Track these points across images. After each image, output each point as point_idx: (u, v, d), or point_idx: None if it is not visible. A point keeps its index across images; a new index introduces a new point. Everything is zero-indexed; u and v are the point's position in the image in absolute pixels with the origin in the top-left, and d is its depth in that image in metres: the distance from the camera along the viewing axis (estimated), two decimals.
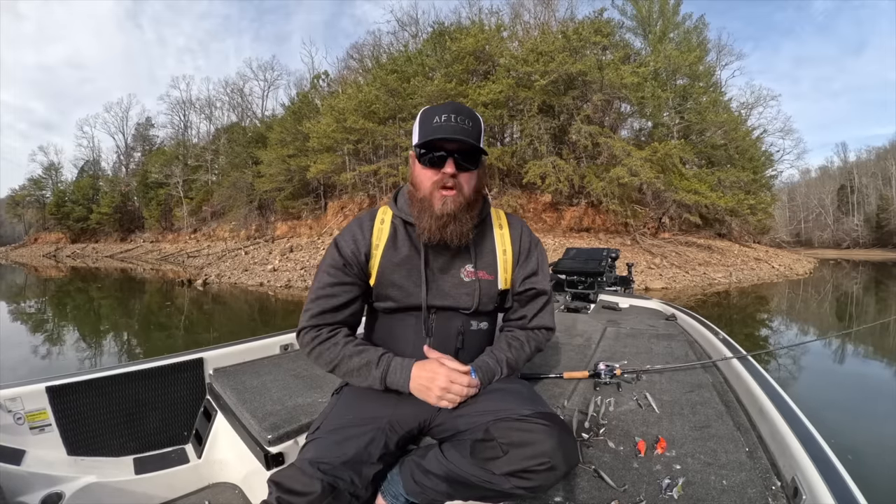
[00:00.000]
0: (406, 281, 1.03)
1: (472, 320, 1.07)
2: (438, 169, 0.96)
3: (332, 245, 1.06)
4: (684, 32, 21.96)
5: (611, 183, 15.30)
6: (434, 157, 0.96)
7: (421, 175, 0.99)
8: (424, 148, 0.96)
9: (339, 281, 1.03)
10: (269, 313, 9.61)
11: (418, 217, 0.99)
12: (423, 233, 0.98)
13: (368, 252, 1.03)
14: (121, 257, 32.93)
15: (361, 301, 1.07)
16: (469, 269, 1.05)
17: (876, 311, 9.47)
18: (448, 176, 0.95)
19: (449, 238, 0.98)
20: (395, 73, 20.58)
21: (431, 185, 0.97)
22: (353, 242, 1.03)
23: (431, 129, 0.95)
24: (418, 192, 1.00)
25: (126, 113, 48.17)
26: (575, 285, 3.16)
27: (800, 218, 50.41)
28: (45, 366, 5.11)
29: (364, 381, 0.97)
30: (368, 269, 1.04)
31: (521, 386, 1.04)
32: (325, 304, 1.02)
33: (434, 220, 0.96)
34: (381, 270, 1.03)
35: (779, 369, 4.76)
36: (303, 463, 0.81)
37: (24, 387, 1.33)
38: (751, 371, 1.34)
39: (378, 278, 1.04)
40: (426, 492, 0.88)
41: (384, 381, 0.96)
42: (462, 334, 1.06)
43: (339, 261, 1.03)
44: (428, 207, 0.97)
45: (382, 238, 1.04)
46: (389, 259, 1.03)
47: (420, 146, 0.97)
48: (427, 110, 0.99)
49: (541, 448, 0.79)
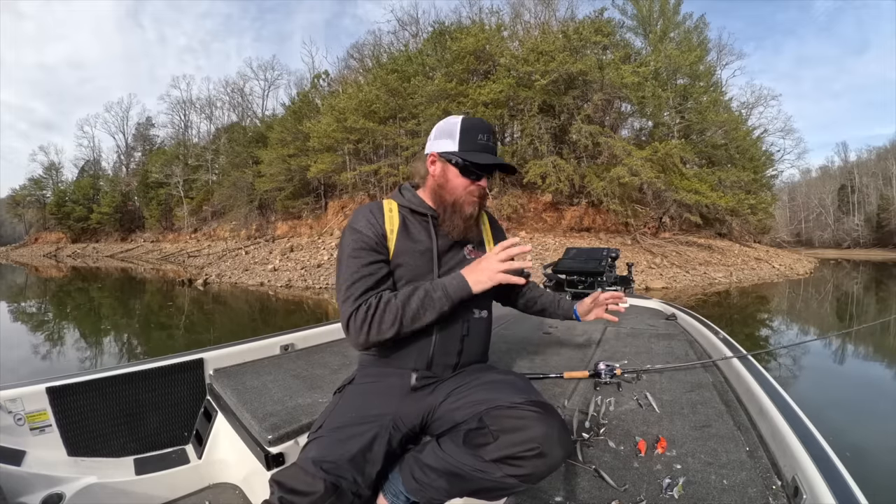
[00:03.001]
0: (419, 261, 1.07)
1: (474, 308, 1.13)
2: (474, 181, 1.08)
3: (350, 231, 1.05)
4: (685, 32, 21.91)
5: (611, 183, 15.29)
6: (478, 174, 1.08)
7: (456, 181, 1.08)
8: (468, 161, 1.06)
9: (370, 260, 1.03)
10: (270, 313, 9.61)
11: (448, 217, 1.09)
12: (450, 231, 1.09)
13: (384, 234, 1.06)
14: (121, 257, 32.95)
15: (392, 280, 1.07)
16: (469, 248, 1.16)
17: (876, 311, 9.46)
18: (483, 189, 1.10)
19: (470, 236, 1.14)
20: (395, 72, 20.57)
21: (464, 192, 1.08)
22: (371, 225, 1.05)
23: (476, 145, 1.06)
24: (447, 196, 1.09)
25: (126, 113, 48.34)
26: (575, 285, 3.16)
27: (800, 218, 50.40)
28: (46, 366, 5.11)
29: (432, 311, 0.99)
30: (388, 249, 1.06)
31: (516, 378, 1.06)
32: (365, 284, 1.00)
33: (463, 220, 1.08)
34: (397, 253, 1.06)
35: (779, 369, 4.76)
36: (305, 462, 0.81)
37: (25, 387, 1.33)
38: (751, 370, 1.34)
39: (394, 260, 1.06)
40: (425, 489, 0.88)
41: (449, 297, 1.00)
42: (467, 321, 1.10)
43: (367, 240, 1.03)
44: (459, 210, 1.08)
45: (394, 224, 1.08)
46: (403, 242, 1.07)
47: (464, 159, 1.06)
48: (469, 122, 1.08)
49: (530, 433, 0.80)
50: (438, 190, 1.10)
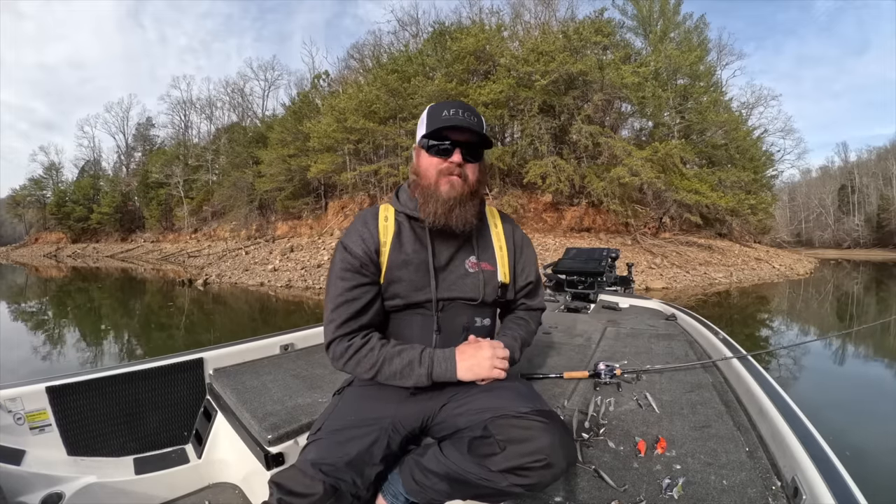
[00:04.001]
0: (414, 276, 1.03)
1: (476, 316, 1.08)
2: (445, 158, 1.00)
3: (340, 249, 1.03)
4: (685, 32, 21.93)
5: (611, 183, 15.29)
6: (442, 146, 1.00)
7: (427, 164, 1.02)
8: (433, 138, 1.00)
9: (356, 283, 1.00)
10: (270, 313, 9.61)
11: (424, 204, 1.01)
12: (429, 217, 1.00)
13: (378, 249, 1.02)
14: (121, 257, 32.95)
15: (381, 300, 1.06)
16: (472, 261, 1.08)
17: (876, 311, 9.46)
18: (455, 165, 0.99)
19: (454, 223, 1.00)
20: (395, 72, 20.57)
21: (437, 173, 1.00)
22: (362, 241, 1.01)
23: (440, 121, 0.98)
24: (423, 181, 1.02)
25: (127, 113, 48.40)
26: (575, 285, 3.16)
27: (800, 218, 50.38)
28: (46, 366, 5.11)
29: (408, 380, 0.96)
30: (380, 265, 1.03)
31: (520, 384, 1.04)
32: (349, 309, 0.99)
33: (440, 204, 0.99)
34: (390, 267, 1.02)
35: (779, 369, 4.75)
36: (304, 464, 0.81)
37: (24, 387, 1.33)
38: (751, 371, 1.34)
39: (386, 275, 1.02)
40: (426, 491, 0.88)
41: (431, 377, 0.96)
42: (467, 329, 1.07)
43: (353, 262, 1.00)
44: (433, 193, 1.00)
45: (388, 235, 1.04)
46: (397, 255, 1.03)
47: (428, 136, 1.00)
48: (435, 106, 1.02)
49: (538, 445, 0.79)
50: (417, 180, 1.04)
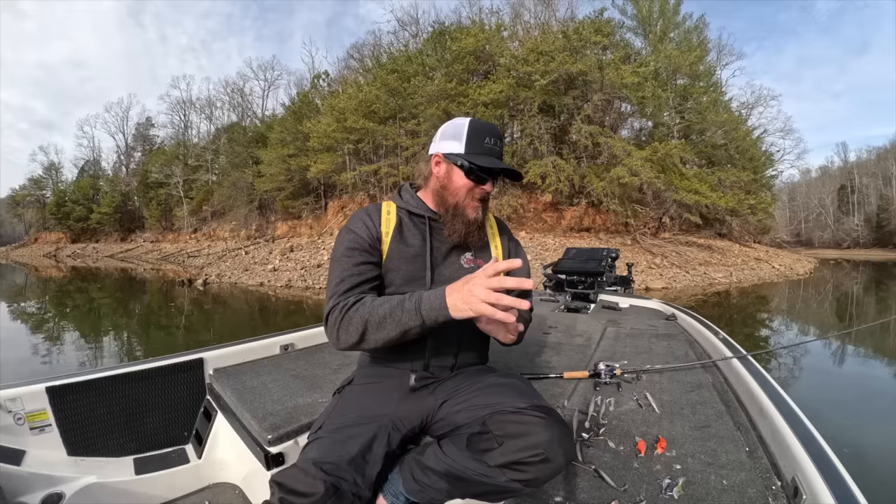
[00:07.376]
0: (411, 266, 1.06)
1: None
2: (478, 184, 1.06)
3: (345, 232, 1.06)
4: (685, 32, 21.95)
5: (611, 183, 15.29)
6: (483, 177, 1.06)
7: (459, 183, 1.06)
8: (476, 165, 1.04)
9: (362, 260, 1.02)
10: (270, 313, 9.61)
11: (450, 220, 1.07)
12: (452, 235, 1.07)
13: (380, 237, 1.06)
14: (121, 257, 32.93)
15: (381, 282, 1.06)
16: (468, 257, 1.12)
17: (876, 311, 9.46)
18: (486, 192, 1.08)
19: (472, 240, 1.09)
20: (395, 72, 20.58)
21: (467, 195, 1.06)
22: (366, 227, 1.06)
23: (483, 148, 1.04)
24: (450, 197, 1.07)
25: (126, 113, 48.30)
26: (575, 285, 3.16)
27: (800, 218, 50.40)
28: (46, 366, 5.10)
29: (398, 324, 0.89)
30: (381, 252, 1.06)
31: (518, 381, 1.05)
32: (352, 281, 1.00)
33: (465, 225, 1.07)
34: (389, 255, 1.06)
35: (779, 369, 4.76)
36: (305, 463, 0.81)
37: (25, 387, 1.33)
38: (751, 371, 1.34)
39: (385, 263, 1.06)
40: (426, 490, 0.88)
41: (420, 312, 0.87)
42: (463, 321, 1.05)
43: (360, 241, 1.03)
44: (461, 213, 1.06)
45: (390, 226, 1.08)
46: (397, 245, 1.06)
47: (470, 161, 1.03)
48: (477, 125, 1.06)
49: (535, 439, 0.80)
50: (441, 191, 1.08)
